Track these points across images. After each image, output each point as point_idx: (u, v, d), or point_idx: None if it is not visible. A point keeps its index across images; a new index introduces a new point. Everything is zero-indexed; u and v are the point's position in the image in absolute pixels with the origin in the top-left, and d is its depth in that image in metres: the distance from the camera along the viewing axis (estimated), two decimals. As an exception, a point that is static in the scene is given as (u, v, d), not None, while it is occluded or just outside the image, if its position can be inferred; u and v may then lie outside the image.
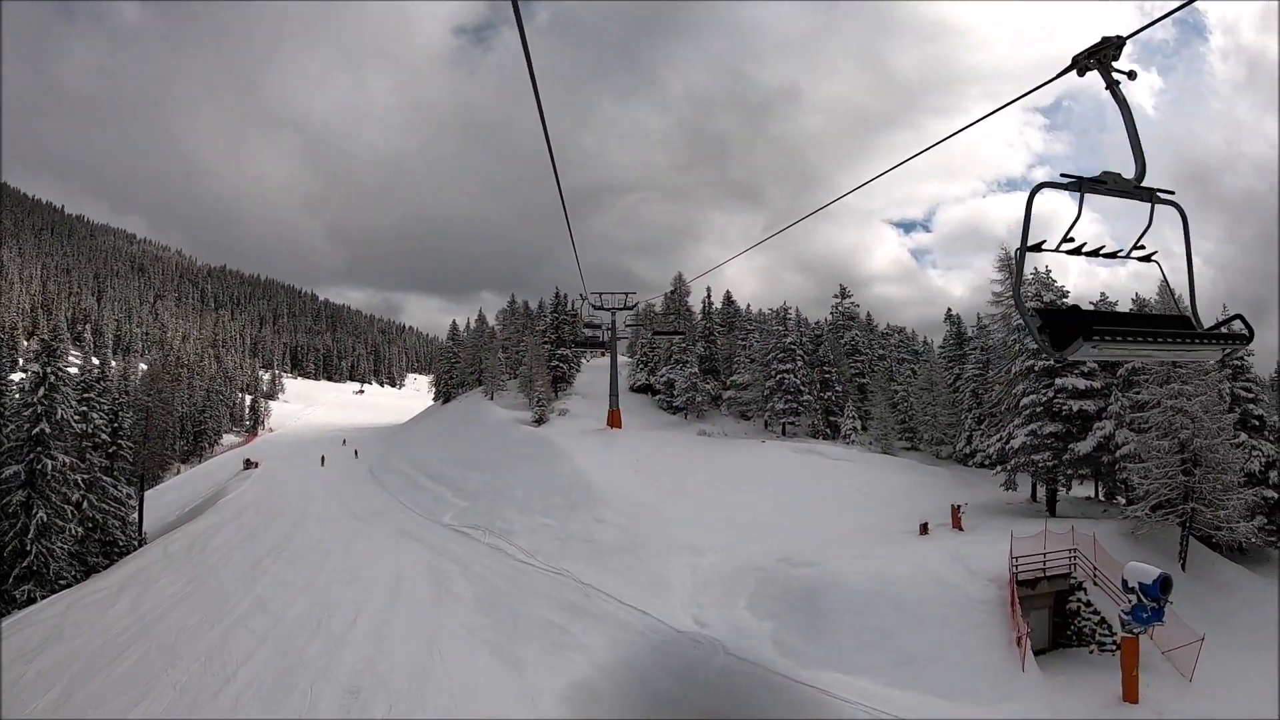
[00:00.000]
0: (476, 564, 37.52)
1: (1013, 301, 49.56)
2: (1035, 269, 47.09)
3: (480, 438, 64.31)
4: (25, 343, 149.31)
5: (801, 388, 66.18)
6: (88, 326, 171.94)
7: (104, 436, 51.51)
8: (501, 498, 47.91)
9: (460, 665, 25.44)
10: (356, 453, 79.77)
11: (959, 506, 38.50)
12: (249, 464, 78.50)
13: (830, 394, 70.43)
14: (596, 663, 25.78)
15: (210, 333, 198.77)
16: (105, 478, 50.54)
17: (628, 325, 73.47)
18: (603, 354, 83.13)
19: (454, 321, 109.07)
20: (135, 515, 55.07)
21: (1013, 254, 51.63)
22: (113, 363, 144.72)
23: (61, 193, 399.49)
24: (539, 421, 66.03)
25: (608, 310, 66.98)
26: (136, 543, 51.79)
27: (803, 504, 44.21)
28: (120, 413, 56.37)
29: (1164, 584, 23.08)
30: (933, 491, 48.12)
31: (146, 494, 66.02)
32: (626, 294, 67.36)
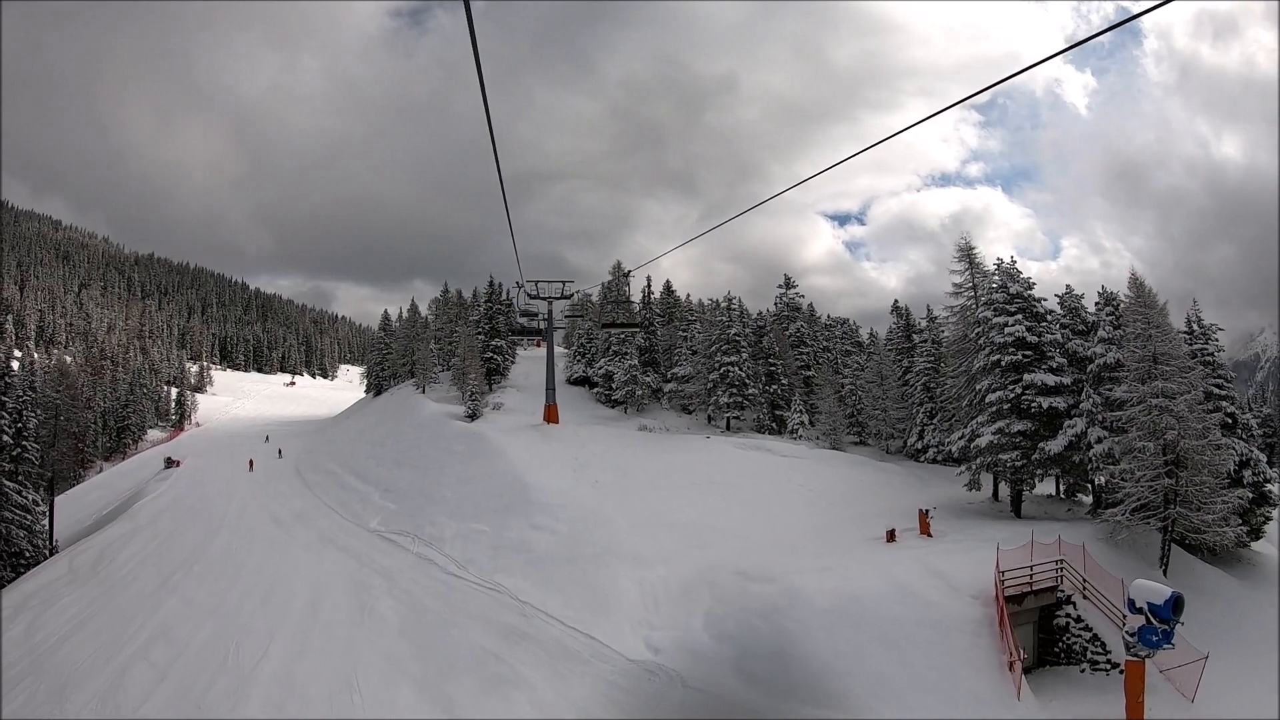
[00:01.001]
0: (403, 577, 34.24)
1: (973, 293, 48.57)
2: (1000, 259, 45.16)
3: (410, 433, 61.07)
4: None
5: (746, 381, 63.73)
6: (9, 317, 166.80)
7: (5, 438, 48.36)
8: (432, 500, 44.68)
9: (382, 707, 22.43)
10: (280, 451, 75.44)
11: (927, 511, 36.12)
12: (170, 462, 74.78)
13: (776, 387, 68.02)
14: (539, 702, 22.82)
15: (137, 323, 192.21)
16: (8, 483, 47.82)
17: (565, 315, 70.53)
18: (539, 344, 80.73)
19: (385, 311, 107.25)
20: (45, 522, 52.18)
21: (965, 246, 49.95)
22: (35, 355, 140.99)
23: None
24: (472, 416, 62.81)
25: (544, 299, 63.65)
26: (47, 552, 49.02)
27: (754, 506, 41.87)
28: (25, 412, 52.93)
29: (1176, 604, 20.80)
30: (888, 491, 46.34)
31: (64, 495, 63.00)
32: (564, 282, 63.70)
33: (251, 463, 68.98)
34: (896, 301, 72.67)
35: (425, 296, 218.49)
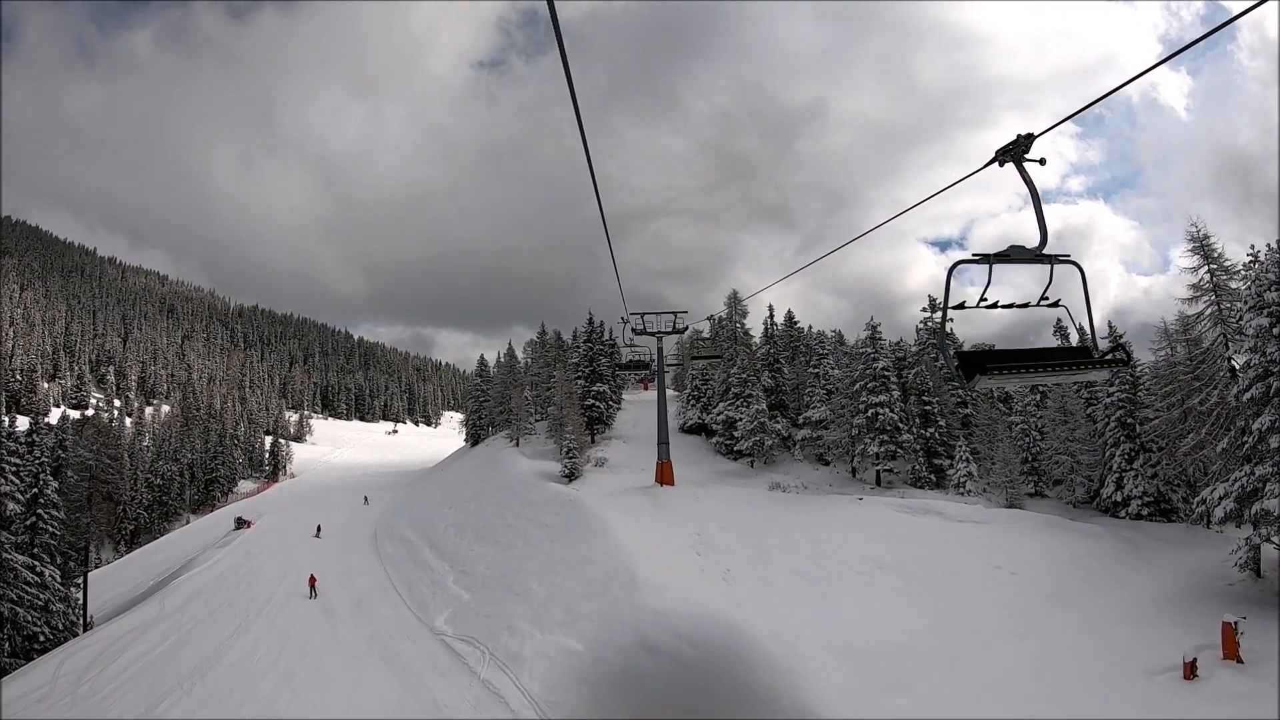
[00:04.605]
0: (458, 726, 23.99)
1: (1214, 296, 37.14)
2: (1255, 247, 33.46)
3: (496, 497, 51.33)
4: (45, 385, 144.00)
5: (900, 425, 52.36)
6: (111, 369, 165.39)
7: (14, 505, 41.13)
8: (513, 592, 34.79)
9: None
10: (320, 528, 61.46)
11: (1235, 624, 23.80)
12: (241, 523, 67.60)
13: (933, 430, 56.12)
14: None
15: (237, 373, 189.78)
16: (18, 557, 41.00)
17: (691, 358, 60.40)
18: (645, 386, 71.72)
19: (482, 356, 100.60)
20: (77, 598, 47.15)
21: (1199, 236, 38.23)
22: (134, 405, 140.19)
23: (80, 229, 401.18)
24: (569, 476, 52.43)
25: (652, 334, 52.82)
26: (79, 630, 43.53)
27: (946, 605, 30.29)
28: (42, 475, 45.56)
29: None
30: (1106, 567, 34.89)
31: (139, 552, 57.46)
32: (675, 314, 52.56)
33: (319, 529, 59.05)
34: (1059, 321, 59.88)
35: (524, 341, 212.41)
